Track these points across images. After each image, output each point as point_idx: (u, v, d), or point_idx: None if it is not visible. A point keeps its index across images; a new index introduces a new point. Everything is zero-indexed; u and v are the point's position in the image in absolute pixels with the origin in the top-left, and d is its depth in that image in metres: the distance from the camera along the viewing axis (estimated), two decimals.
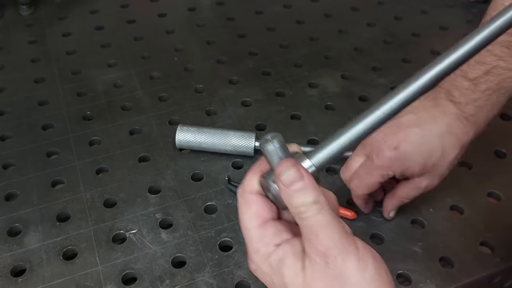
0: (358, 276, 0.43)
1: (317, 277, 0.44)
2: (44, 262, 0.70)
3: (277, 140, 0.47)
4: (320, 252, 0.44)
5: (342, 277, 0.43)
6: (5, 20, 1.15)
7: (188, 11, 1.19)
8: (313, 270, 0.44)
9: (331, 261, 0.43)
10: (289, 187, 0.45)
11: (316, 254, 0.44)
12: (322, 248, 0.44)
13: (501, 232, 0.75)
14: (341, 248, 0.44)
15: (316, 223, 0.44)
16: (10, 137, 0.89)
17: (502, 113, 0.93)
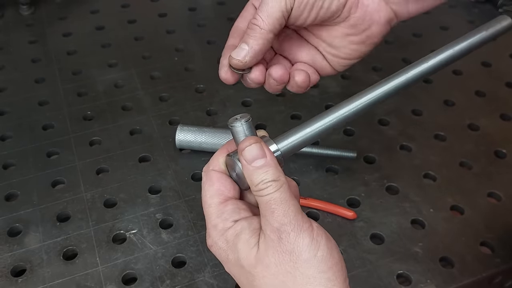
0: (310, 253, 0.44)
1: (270, 252, 0.45)
2: (44, 262, 0.70)
3: (244, 120, 0.49)
4: (275, 228, 0.45)
5: (294, 253, 0.44)
6: (5, 20, 1.15)
7: (189, 11, 1.19)
8: (267, 246, 0.45)
9: (284, 237, 0.44)
10: (251, 163, 0.47)
11: (271, 230, 0.45)
12: (277, 224, 0.45)
13: (502, 232, 0.75)
14: (295, 225, 0.45)
15: (273, 199, 0.46)
16: (11, 137, 0.89)
17: (502, 113, 0.94)
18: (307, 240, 0.45)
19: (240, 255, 0.47)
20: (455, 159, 0.85)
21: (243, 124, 0.48)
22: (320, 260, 0.44)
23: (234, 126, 0.49)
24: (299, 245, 0.44)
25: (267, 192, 0.46)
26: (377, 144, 0.87)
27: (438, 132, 0.90)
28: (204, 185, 0.51)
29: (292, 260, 0.44)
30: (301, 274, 0.44)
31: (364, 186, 0.81)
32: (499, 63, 1.05)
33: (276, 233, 0.45)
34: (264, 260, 0.45)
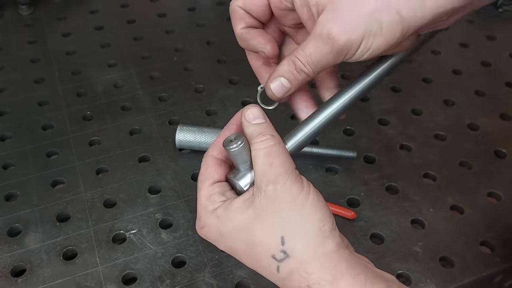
0: (303, 197, 0.48)
1: (266, 204, 0.48)
2: (44, 263, 0.70)
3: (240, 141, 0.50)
4: (271, 180, 0.47)
5: (289, 199, 0.47)
6: (4, 20, 1.15)
7: (188, 11, 1.19)
8: (263, 200, 0.48)
9: (280, 186, 0.47)
10: (252, 121, 0.50)
11: (267, 183, 0.47)
12: (274, 175, 0.47)
13: (502, 232, 0.75)
14: (290, 174, 0.48)
15: (273, 151, 0.49)
16: (10, 138, 0.88)
17: (502, 112, 0.94)
18: (299, 187, 0.48)
19: (235, 221, 0.49)
20: (455, 159, 0.85)
21: (240, 145, 0.50)
22: (312, 202, 0.48)
23: (230, 149, 0.50)
24: (293, 191, 0.47)
25: (267, 143, 0.49)
26: (377, 144, 0.87)
27: (438, 131, 0.90)
28: (201, 168, 0.53)
29: (288, 206, 0.47)
30: (297, 216, 0.47)
31: (364, 185, 0.81)
32: (499, 62, 1.05)
33: (273, 184, 0.47)
34: (262, 214, 0.48)
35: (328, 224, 0.48)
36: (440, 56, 1.07)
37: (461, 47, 1.09)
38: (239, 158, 0.50)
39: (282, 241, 0.47)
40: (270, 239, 0.48)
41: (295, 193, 0.47)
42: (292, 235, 0.47)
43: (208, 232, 0.51)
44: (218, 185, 0.52)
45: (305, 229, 0.47)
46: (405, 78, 1.01)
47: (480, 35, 1.12)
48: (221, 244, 0.52)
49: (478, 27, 1.15)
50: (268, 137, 0.49)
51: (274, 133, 0.50)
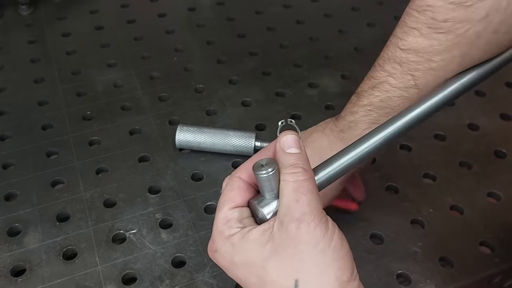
0: (325, 243, 0.45)
1: (286, 243, 0.45)
2: (43, 262, 0.70)
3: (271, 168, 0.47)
4: (295, 218, 0.45)
5: (311, 243, 0.45)
6: (4, 20, 1.15)
7: (188, 11, 1.19)
8: (283, 237, 0.46)
9: (303, 227, 0.45)
10: (286, 149, 0.48)
11: (290, 220, 0.45)
12: (298, 213, 0.45)
13: (501, 232, 0.75)
14: (316, 215, 0.45)
15: (302, 186, 0.46)
16: (10, 137, 0.88)
17: (502, 112, 0.94)
18: (323, 231, 0.45)
19: (250, 253, 0.47)
20: (454, 159, 0.85)
21: (269, 173, 0.47)
22: (334, 249, 0.46)
23: (260, 175, 0.48)
24: (316, 234, 0.45)
25: (297, 177, 0.47)
26: None
27: (438, 131, 0.90)
28: (224, 190, 0.51)
29: (308, 250, 0.45)
30: (315, 263, 0.45)
31: (364, 185, 0.80)
32: None
33: (296, 223, 0.45)
34: (279, 252, 0.46)
35: (347, 274, 0.46)
36: None
37: None
38: (267, 185, 0.48)
39: (296, 284, 0.45)
40: (284, 280, 0.45)
41: (318, 237, 0.45)
42: (307, 280, 0.45)
43: (220, 258, 0.49)
44: (237, 210, 0.50)
45: (322, 277, 0.45)
46: None
47: None
48: (232, 273, 0.49)
49: None
50: (300, 170, 0.47)
51: (307, 166, 0.48)
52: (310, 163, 0.49)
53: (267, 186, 0.48)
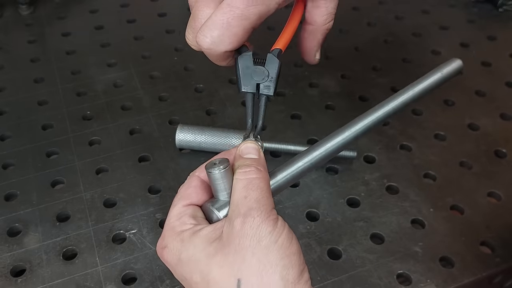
0: (270, 240, 0.44)
1: (231, 240, 0.44)
2: (44, 262, 0.70)
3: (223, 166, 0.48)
4: (242, 213, 0.44)
5: (255, 238, 0.44)
6: (4, 19, 1.15)
7: (188, 11, 1.18)
8: (229, 234, 0.45)
9: (248, 221, 0.44)
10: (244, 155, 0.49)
11: (237, 216, 0.45)
12: (245, 209, 0.45)
13: (502, 232, 0.74)
14: (263, 211, 0.45)
15: (251, 184, 0.46)
16: (10, 137, 0.88)
17: (502, 112, 0.94)
18: (270, 227, 0.44)
19: (197, 249, 0.45)
20: (455, 159, 0.85)
21: (221, 170, 0.48)
22: (279, 247, 0.44)
23: (211, 172, 0.48)
24: (261, 230, 0.44)
25: (249, 175, 0.47)
26: (377, 144, 0.87)
27: (438, 131, 0.90)
28: (181, 188, 0.51)
29: (251, 246, 0.43)
30: (257, 260, 0.43)
31: (364, 185, 0.80)
32: (499, 62, 1.05)
33: (242, 218, 0.44)
34: (224, 249, 0.44)
35: (294, 274, 0.43)
36: (440, 56, 1.06)
37: (461, 47, 1.09)
38: (219, 184, 0.48)
39: (238, 284, 0.43)
40: (226, 279, 0.43)
41: (263, 233, 0.44)
42: (249, 280, 0.43)
43: (168, 255, 0.47)
44: (192, 207, 0.49)
45: (265, 277, 0.43)
46: (405, 78, 1.00)
47: (481, 35, 1.12)
48: (177, 271, 0.47)
49: (478, 27, 1.14)
50: (252, 169, 0.47)
51: (262, 168, 0.48)
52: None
53: (219, 185, 0.48)
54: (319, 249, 0.72)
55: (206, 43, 0.53)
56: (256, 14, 0.51)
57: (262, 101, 0.53)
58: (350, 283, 0.68)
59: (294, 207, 0.77)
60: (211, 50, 0.54)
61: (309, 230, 0.74)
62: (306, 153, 0.54)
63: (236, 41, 0.52)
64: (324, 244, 0.73)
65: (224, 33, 0.51)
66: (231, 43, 0.52)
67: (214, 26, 0.51)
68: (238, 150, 0.50)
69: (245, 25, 0.51)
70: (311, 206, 0.78)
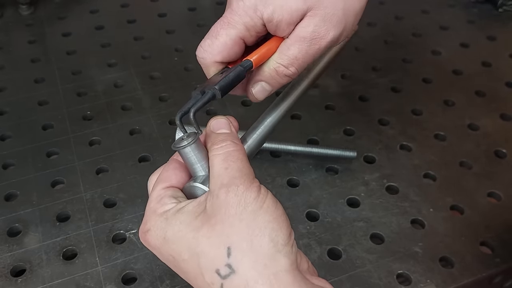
0: (256, 205, 0.44)
1: (216, 211, 0.44)
2: (44, 262, 0.70)
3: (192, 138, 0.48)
4: (224, 183, 0.44)
5: (240, 205, 0.43)
6: (5, 19, 1.15)
7: (188, 11, 1.19)
8: (214, 205, 0.44)
9: (232, 190, 0.44)
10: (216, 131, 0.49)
11: (220, 187, 0.44)
12: (227, 179, 0.45)
13: (502, 232, 0.75)
14: (246, 179, 0.45)
15: (231, 156, 0.46)
16: (10, 137, 0.88)
17: (502, 112, 0.94)
18: (254, 194, 0.44)
19: (182, 224, 0.45)
20: (455, 159, 0.85)
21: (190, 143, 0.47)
22: (266, 210, 0.44)
23: (179, 147, 0.47)
24: (246, 196, 0.44)
25: (226, 148, 0.47)
26: (377, 144, 0.87)
27: (438, 131, 0.90)
28: (160, 172, 0.51)
29: (238, 213, 0.43)
30: (246, 226, 0.43)
31: (364, 185, 0.81)
32: (499, 63, 1.05)
33: (225, 188, 0.44)
34: (210, 220, 0.44)
35: (283, 236, 0.43)
36: (440, 56, 1.07)
37: (461, 47, 1.09)
38: (191, 158, 0.48)
39: (228, 252, 0.42)
40: (216, 249, 0.43)
41: (248, 199, 0.43)
42: (240, 246, 0.42)
43: (152, 237, 0.46)
44: (171, 189, 0.49)
45: (255, 240, 0.42)
46: (405, 78, 1.01)
47: (481, 35, 1.12)
48: (164, 252, 0.46)
49: (478, 27, 1.14)
50: (228, 143, 0.47)
51: (236, 140, 0.48)
52: None
53: (191, 159, 0.48)
54: (319, 249, 0.72)
55: (199, 52, 0.55)
56: (241, 24, 0.52)
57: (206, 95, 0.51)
58: (350, 283, 0.68)
59: (294, 207, 0.77)
60: (203, 60, 0.55)
61: (309, 230, 0.74)
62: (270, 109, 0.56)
63: (225, 51, 0.53)
64: (324, 244, 0.73)
65: (214, 42, 0.53)
66: (220, 53, 0.53)
67: (207, 36, 0.54)
68: (209, 127, 0.50)
69: (232, 34, 0.52)
70: (311, 206, 0.78)
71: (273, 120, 0.56)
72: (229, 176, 0.45)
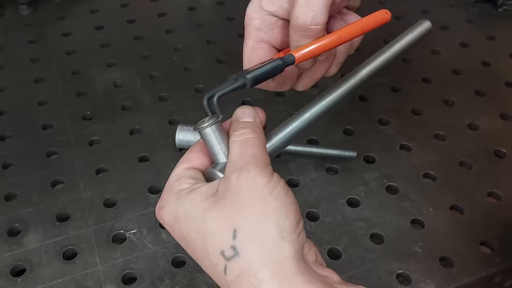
0: (266, 191, 0.43)
1: (227, 193, 0.44)
2: (44, 262, 0.70)
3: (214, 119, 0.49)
4: (238, 167, 0.45)
5: (251, 189, 0.43)
6: (5, 19, 1.15)
7: (188, 11, 1.19)
8: (225, 188, 0.44)
9: (244, 174, 0.44)
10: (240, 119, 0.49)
11: (232, 171, 0.45)
12: (241, 163, 0.45)
13: (502, 231, 0.75)
14: (258, 165, 0.45)
15: (247, 143, 0.47)
16: (10, 137, 0.88)
17: (502, 112, 0.94)
18: (265, 179, 0.44)
19: (192, 205, 0.45)
20: (455, 159, 0.85)
21: (212, 125, 0.48)
22: (275, 197, 0.44)
23: (200, 128, 0.48)
24: (257, 181, 0.44)
25: (244, 136, 0.47)
26: (376, 144, 0.87)
27: (438, 131, 0.90)
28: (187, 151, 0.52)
29: (247, 197, 0.43)
30: (254, 210, 0.43)
31: (364, 185, 0.81)
32: (499, 62, 1.05)
33: (238, 172, 0.44)
34: (219, 202, 0.44)
35: (290, 224, 0.43)
36: (440, 56, 1.07)
37: (461, 47, 1.09)
38: (211, 140, 0.48)
39: (234, 234, 0.42)
40: (222, 230, 0.43)
41: (259, 185, 0.43)
42: (246, 229, 0.42)
43: (165, 213, 0.47)
44: (191, 170, 0.49)
45: (261, 226, 0.42)
46: (405, 78, 1.01)
47: (480, 35, 1.12)
48: (175, 230, 0.47)
49: (478, 27, 1.14)
50: (247, 130, 0.48)
51: (257, 129, 0.48)
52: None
53: (212, 141, 0.48)
54: (319, 249, 0.72)
55: None
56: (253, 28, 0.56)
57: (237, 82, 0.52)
58: (350, 282, 0.68)
59: None
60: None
61: (308, 230, 0.74)
62: (300, 113, 0.56)
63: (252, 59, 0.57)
64: (324, 244, 0.73)
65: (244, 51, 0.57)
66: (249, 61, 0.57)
67: None
68: (234, 115, 0.50)
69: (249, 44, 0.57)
70: (311, 206, 0.78)
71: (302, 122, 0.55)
72: (242, 161, 0.45)
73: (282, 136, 0.54)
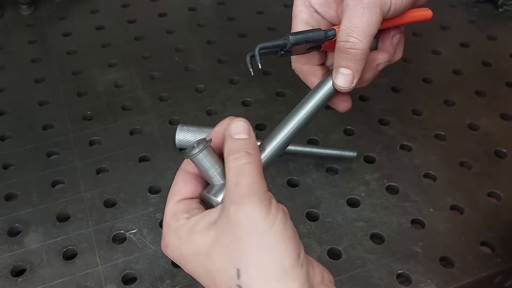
0: (265, 227, 0.43)
1: (226, 230, 0.44)
2: (44, 262, 0.70)
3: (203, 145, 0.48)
4: (235, 201, 0.44)
5: (249, 227, 0.43)
6: (5, 20, 1.15)
7: (189, 11, 1.19)
8: (224, 224, 0.44)
9: (241, 209, 0.43)
10: (234, 135, 0.48)
11: (230, 205, 0.44)
12: (237, 197, 0.44)
13: (502, 232, 0.74)
14: (255, 197, 0.44)
15: (242, 170, 0.45)
16: (10, 137, 0.88)
17: (502, 112, 0.94)
18: (263, 214, 0.43)
19: (195, 244, 0.46)
20: (455, 159, 0.85)
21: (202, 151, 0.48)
22: (275, 232, 0.43)
23: (191, 156, 0.48)
24: (256, 217, 0.43)
25: (240, 161, 0.46)
26: (377, 144, 0.87)
27: (438, 131, 0.90)
28: (174, 180, 0.51)
29: (247, 234, 0.43)
30: (253, 250, 0.43)
31: (364, 185, 0.81)
32: (499, 62, 1.05)
33: (235, 206, 0.44)
34: (221, 239, 0.44)
35: (291, 259, 0.43)
36: (440, 56, 1.06)
37: (461, 47, 1.09)
38: (204, 164, 0.48)
39: (238, 273, 0.43)
40: (227, 269, 0.43)
41: (257, 220, 0.43)
42: (248, 269, 0.43)
43: (171, 253, 0.48)
44: (184, 203, 0.49)
45: (263, 264, 0.42)
46: (405, 78, 1.01)
47: (481, 35, 1.12)
48: (184, 267, 0.48)
49: (478, 27, 1.14)
50: (242, 155, 0.46)
51: (252, 150, 0.47)
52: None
53: (204, 165, 0.48)
54: (319, 249, 0.72)
55: None
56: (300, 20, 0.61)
57: None
58: (351, 283, 0.68)
59: (294, 207, 0.77)
60: None
61: (309, 230, 0.74)
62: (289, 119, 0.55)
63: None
64: (324, 244, 0.73)
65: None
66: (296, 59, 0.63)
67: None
68: (227, 130, 0.49)
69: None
70: (311, 206, 0.78)
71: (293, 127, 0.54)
72: (238, 193, 0.44)
73: (275, 144, 0.53)
